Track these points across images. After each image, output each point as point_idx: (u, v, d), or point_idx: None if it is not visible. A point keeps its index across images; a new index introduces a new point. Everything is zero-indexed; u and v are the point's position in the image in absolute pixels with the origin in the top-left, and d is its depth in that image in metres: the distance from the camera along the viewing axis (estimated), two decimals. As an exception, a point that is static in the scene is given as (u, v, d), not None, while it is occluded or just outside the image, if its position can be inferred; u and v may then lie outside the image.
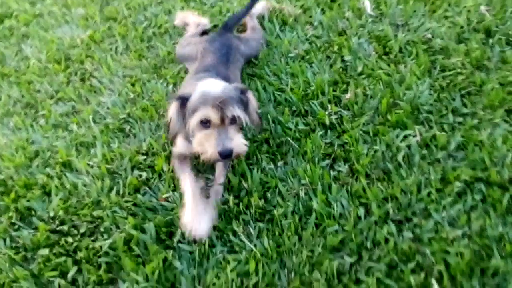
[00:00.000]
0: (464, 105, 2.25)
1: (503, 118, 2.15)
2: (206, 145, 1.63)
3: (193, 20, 2.83)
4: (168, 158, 2.07)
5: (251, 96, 1.81)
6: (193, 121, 1.64)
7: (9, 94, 2.55)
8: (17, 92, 2.56)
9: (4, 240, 1.83)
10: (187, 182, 1.83)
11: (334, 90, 2.37)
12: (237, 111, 1.65)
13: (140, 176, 2.04)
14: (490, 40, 2.58)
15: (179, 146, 1.87)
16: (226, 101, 1.62)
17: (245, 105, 1.75)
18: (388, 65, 2.50)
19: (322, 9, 3.00)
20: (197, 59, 2.36)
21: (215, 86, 1.70)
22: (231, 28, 2.62)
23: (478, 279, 1.60)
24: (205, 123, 1.65)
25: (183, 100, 1.71)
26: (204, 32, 2.81)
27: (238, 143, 1.65)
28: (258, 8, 2.85)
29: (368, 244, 1.74)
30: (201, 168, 2.05)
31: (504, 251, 1.66)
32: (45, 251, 1.77)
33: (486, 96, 2.26)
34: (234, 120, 1.67)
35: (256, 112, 1.83)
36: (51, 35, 2.98)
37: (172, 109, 1.74)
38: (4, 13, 3.25)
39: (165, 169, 2.03)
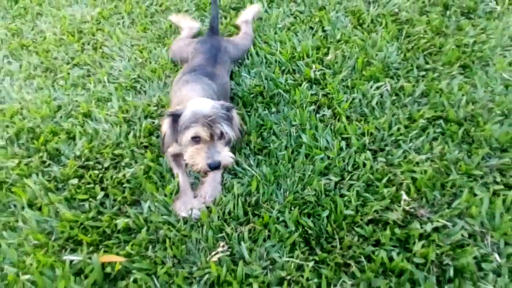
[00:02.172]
0: (427, 62, 2.49)
1: (459, 71, 2.40)
2: (197, 158, 1.70)
3: (186, 24, 2.84)
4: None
5: (235, 114, 1.85)
6: (185, 137, 1.71)
7: (29, 61, 2.66)
8: (36, 59, 2.68)
9: (37, 174, 1.97)
10: (180, 177, 1.92)
11: (317, 53, 2.59)
12: (224, 128, 1.71)
13: (153, 122, 2.21)
14: (448, 12, 2.84)
15: (173, 147, 1.90)
16: (214, 120, 1.68)
17: (230, 121, 1.79)
18: (362, 33, 2.73)
19: (304, -11, 3.22)
20: (189, 60, 2.41)
21: (204, 105, 1.74)
22: (217, 29, 2.61)
23: (439, 190, 1.84)
24: (195, 139, 1.71)
25: (175, 117, 1.77)
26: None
27: (225, 155, 1.72)
28: (253, 12, 2.88)
29: (349, 168, 1.96)
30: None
31: (460, 170, 1.91)
32: (75, 181, 1.93)
33: (444, 55, 2.51)
34: (221, 135, 1.74)
35: (238, 128, 1.87)
36: (63, 12, 3.10)
37: (165, 125, 1.79)
38: (17, -6, 3.36)
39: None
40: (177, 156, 1.96)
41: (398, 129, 2.10)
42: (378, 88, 2.33)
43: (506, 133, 2.02)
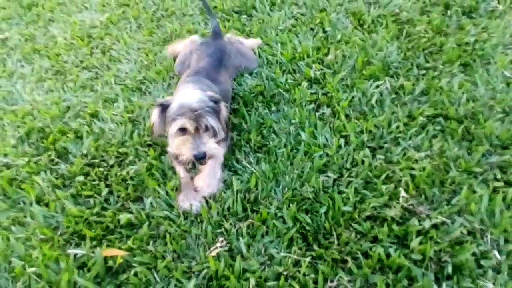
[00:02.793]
0: (427, 61, 2.44)
1: (459, 70, 2.35)
2: (183, 149, 1.71)
3: (181, 45, 2.63)
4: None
5: (222, 107, 1.84)
6: (172, 129, 1.72)
7: (41, 64, 2.70)
8: (47, 62, 2.72)
9: (45, 171, 1.99)
10: (181, 171, 1.92)
11: (317, 54, 2.56)
12: (210, 121, 1.71)
13: (157, 122, 2.22)
14: (449, 11, 2.78)
15: (171, 146, 1.85)
16: (200, 114, 1.68)
17: (217, 113, 1.79)
18: (363, 33, 2.70)
19: (306, -8, 3.20)
20: (193, 63, 2.34)
21: (191, 97, 1.74)
22: (219, 31, 2.53)
23: (438, 187, 1.80)
24: (182, 130, 1.72)
25: (164, 107, 1.78)
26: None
27: (211, 147, 1.72)
28: (251, 44, 2.70)
29: (348, 165, 1.92)
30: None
31: (460, 167, 1.86)
32: (81, 178, 1.93)
33: (445, 54, 2.45)
34: (207, 128, 1.73)
35: (224, 121, 1.86)
36: (74, 18, 3.14)
37: (154, 114, 1.81)
38: (31, 2, 3.40)
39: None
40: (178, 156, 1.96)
41: (397, 127, 2.06)
42: (377, 86, 2.29)
43: (507, 130, 1.97)
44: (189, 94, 1.77)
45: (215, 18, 2.58)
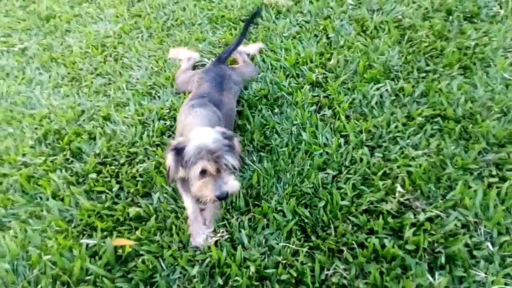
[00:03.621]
0: (427, 64, 2.55)
1: (459, 72, 2.45)
2: (205, 191, 1.71)
3: (184, 55, 2.86)
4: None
5: (236, 142, 1.85)
6: (193, 173, 1.71)
7: (57, 72, 2.91)
8: (63, 70, 2.92)
9: (61, 170, 2.15)
10: (188, 201, 1.93)
11: (320, 59, 2.70)
12: (229, 161, 1.72)
13: (165, 123, 2.36)
14: (451, 17, 2.89)
15: (180, 172, 1.89)
16: (220, 155, 1.70)
17: (232, 149, 1.80)
18: (365, 39, 2.82)
19: (310, 1, 3.34)
20: (194, 89, 2.43)
21: (206, 138, 1.74)
22: (224, 60, 2.62)
23: (434, 183, 1.89)
24: (202, 173, 1.72)
25: (178, 150, 1.78)
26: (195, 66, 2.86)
27: (232, 185, 1.73)
28: (250, 49, 2.86)
29: (347, 163, 2.03)
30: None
31: (457, 164, 1.95)
32: (93, 175, 2.09)
33: (446, 57, 2.56)
34: (227, 166, 1.74)
35: (238, 155, 1.86)
36: (89, 29, 3.36)
37: (169, 159, 1.80)
38: (49, 14, 3.64)
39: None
40: (185, 181, 1.95)
41: (396, 127, 2.16)
42: (378, 89, 2.40)
43: (505, 129, 2.05)
44: (204, 134, 1.77)
45: (235, 47, 2.70)
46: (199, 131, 1.82)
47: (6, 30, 3.52)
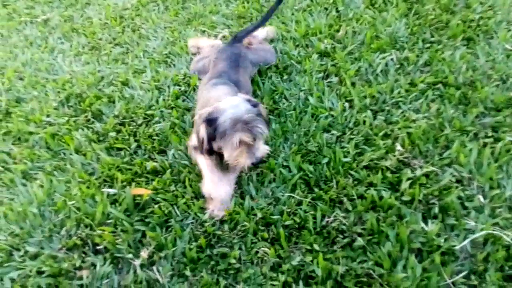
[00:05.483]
0: (432, 36, 2.60)
1: (462, 43, 2.51)
2: (241, 158, 1.78)
3: (206, 43, 2.76)
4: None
5: (262, 108, 1.88)
6: (230, 144, 1.74)
7: (78, 41, 3.03)
8: (84, 39, 3.05)
9: (82, 129, 2.29)
10: (202, 159, 1.95)
11: (329, 30, 2.77)
12: (263, 129, 1.77)
13: (180, 89, 2.48)
14: (457, -9, 2.94)
15: (193, 140, 1.94)
16: (254, 125, 1.74)
17: (261, 116, 1.82)
18: (374, 12, 2.88)
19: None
20: (210, 68, 2.41)
21: (239, 109, 1.76)
22: (240, 39, 2.56)
23: (432, 143, 1.98)
24: (239, 143, 1.76)
25: (210, 122, 1.79)
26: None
27: (262, 149, 1.81)
28: (265, 33, 2.78)
29: (351, 125, 2.13)
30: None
31: (455, 127, 2.03)
32: (113, 134, 2.22)
33: (450, 29, 2.61)
34: (261, 135, 1.79)
35: (266, 121, 1.89)
36: (108, 1, 3.46)
37: (202, 130, 1.82)
38: (69, -12, 3.79)
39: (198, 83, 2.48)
40: (197, 149, 1.99)
41: (399, 92, 2.24)
42: (383, 58, 2.47)
43: (503, 95, 2.12)
44: (235, 105, 1.79)
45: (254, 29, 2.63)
46: (229, 100, 1.84)
47: (29, 3, 3.66)
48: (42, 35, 3.18)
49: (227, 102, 1.81)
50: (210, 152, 1.86)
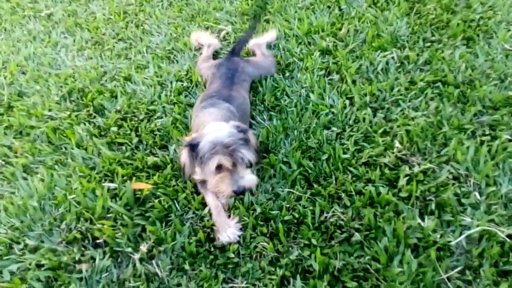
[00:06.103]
0: (433, 35, 2.62)
1: (462, 43, 2.52)
2: (222, 186, 1.67)
3: (205, 41, 2.78)
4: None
5: (250, 135, 1.79)
6: (208, 168, 1.66)
7: (82, 36, 3.05)
8: (87, 34, 3.06)
9: (84, 123, 2.31)
10: (210, 198, 1.89)
11: (331, 28, 2.78)
12: (245, 154, 1.67)
13: (182, 84, 2.50)
14: (458, -9, 2.95)
15: (198, 174, 1.85)
16: (235, 149, 1.64)
17: (247, 143, 1.73)
18: (376, 11, 2.89)
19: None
20: (207, 83, 2.40)
21: (221, 132, 1.69)
22: (238, 52, 2.56)
23: (430, 141, 2.00)
24: (218, 168, 1.67)
25: (192, 147, 1.73)
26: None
27: (248, 179, 1.69)
28: (267, 38, 2.75)
29: (351, 122, 2.15)
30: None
31: (453, 125, 2.05)
32: (115, 129, 2.25)
33: (451, 29, 2.62)
34: (243, 160, 1.69)
35: (254, 149, 1.79)
36: (111, -3, 3.51)
37: (184, 155, 1.76)
38: (73, -16, 3.80)
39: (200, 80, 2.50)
40: (204, 182, 1.89)
41: (399, 90, 2.26)
42: (384, 56, 2.49)
43: (501, 94, 2.14)
44: (218, 129, 1.72)
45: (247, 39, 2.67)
46: (212, 126, 1.76)
47: (33, -3, 3.69)
48: (45, 29, 3.20)
49: (211, 127, 1.75)
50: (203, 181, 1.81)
